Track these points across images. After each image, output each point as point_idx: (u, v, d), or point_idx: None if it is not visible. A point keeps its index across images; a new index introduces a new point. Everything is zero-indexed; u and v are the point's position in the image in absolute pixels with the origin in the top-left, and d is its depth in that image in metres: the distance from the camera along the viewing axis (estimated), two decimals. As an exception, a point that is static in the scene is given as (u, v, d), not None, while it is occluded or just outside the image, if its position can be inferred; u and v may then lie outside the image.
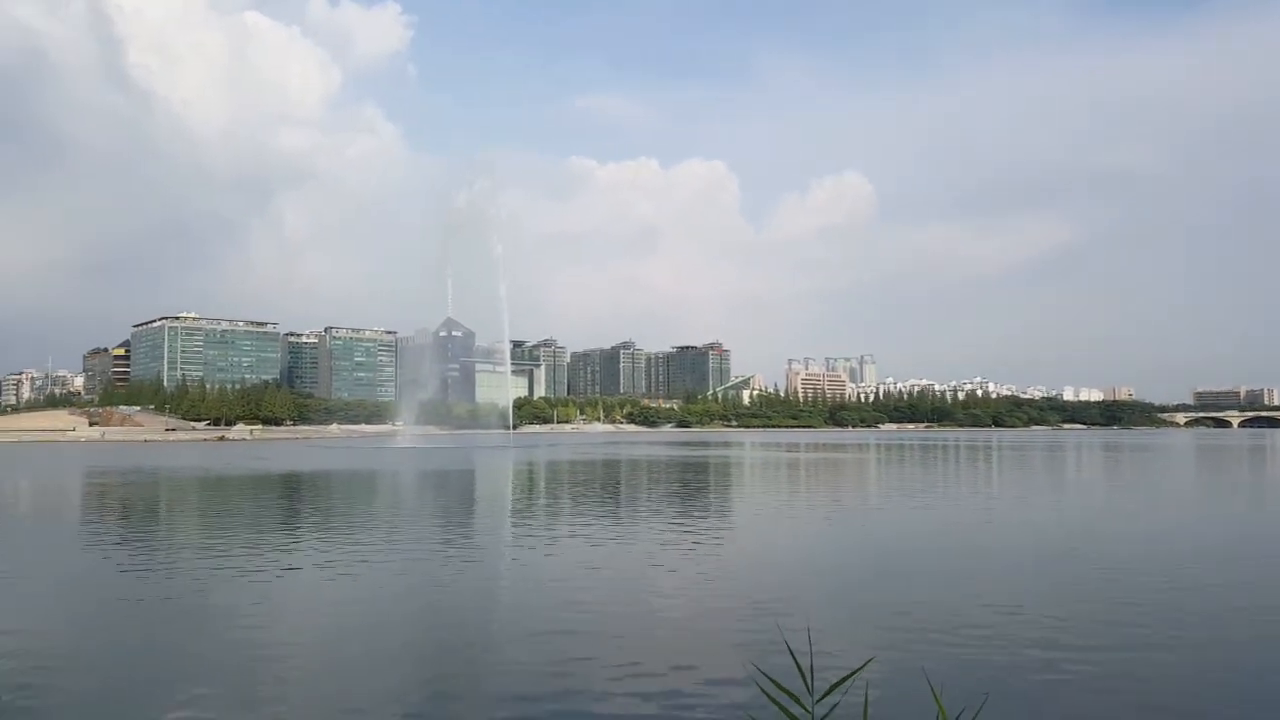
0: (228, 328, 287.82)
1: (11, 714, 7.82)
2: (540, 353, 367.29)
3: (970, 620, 12.39)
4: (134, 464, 63.69)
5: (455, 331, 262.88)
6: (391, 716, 8.68)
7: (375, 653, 11.13)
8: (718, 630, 12.28)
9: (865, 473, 52.06)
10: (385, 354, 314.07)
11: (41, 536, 24.69)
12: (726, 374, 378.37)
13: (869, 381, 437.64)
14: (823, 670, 2.97)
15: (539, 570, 17.42)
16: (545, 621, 12.67)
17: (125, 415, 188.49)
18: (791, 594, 14.99)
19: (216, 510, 31.46)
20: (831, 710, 3.02)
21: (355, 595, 14.95)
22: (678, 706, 8.83)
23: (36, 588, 16.04)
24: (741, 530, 24.07)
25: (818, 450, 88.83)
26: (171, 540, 23.06)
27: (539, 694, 9.25)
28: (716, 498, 34.78)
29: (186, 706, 8.85)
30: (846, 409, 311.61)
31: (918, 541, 21.67)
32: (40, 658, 10.82)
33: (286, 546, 20.28)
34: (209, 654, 11.04)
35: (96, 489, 41.57)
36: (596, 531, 22.78)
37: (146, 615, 13.42)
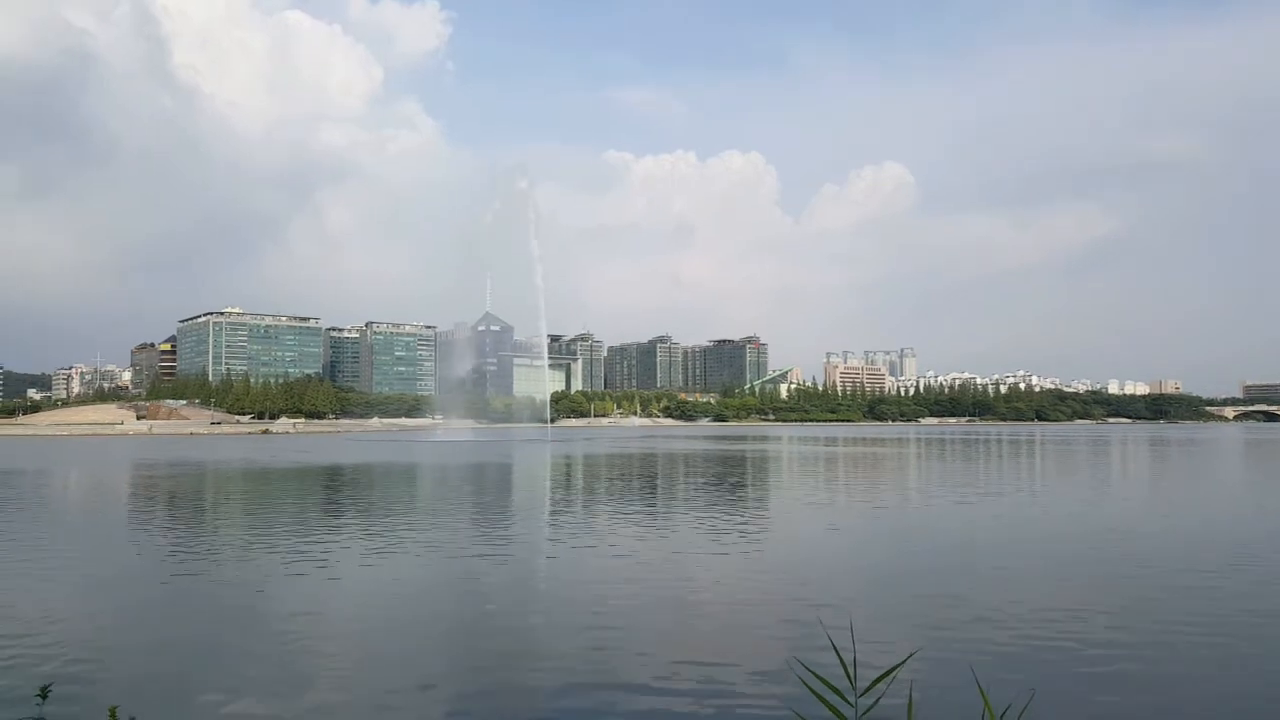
0: (271, 323, 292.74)
1: (63, 700, 8.03)
2: (577, 347, 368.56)
3: (1014, 616, 12.20)
4: (180, 457, 65.13)
5: (493, 326, 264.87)
6: (433, 705, 8.77)
7: (416, 642, 11.26)
8: (758, 624, 12.22)
9: (905, 467, 51.50)
10: (425, 348, 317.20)
11: (93, 527, 25.34)
12: (764, 368, 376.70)
13: (909, 375, 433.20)
14: (865, 665, 2.94)
15: (578, 563, 17.48)
16: (585, 613, 12.71)
17: (172, 409, 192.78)
18: (832, 588, 14.88)
19: (261, 502, 32.05)
20: (875, 704, 2.97)
21: (396, 585, 15.14)
22: (719, 699, 8.80)
23: (88, 576, 16.44)
24: (780, 524, 23.94)
25: (857, 444, 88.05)
26: (217, 531, 23.54)
27: (580, 685, 9.29)
28: (754, 492, 34.64)
29: (231, 692, 9.02)
30: (886, 403, 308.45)
31: (960, 537, 21.37)
32: (90, 645, 11.10)
33: (329, 539, 20.59)
34: (253, 642, 11.25)
35: (145, 481, 42.57)
36: (634, 525, 22.82)
37: (193, 604, 13.72)
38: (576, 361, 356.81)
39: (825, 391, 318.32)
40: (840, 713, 3.23)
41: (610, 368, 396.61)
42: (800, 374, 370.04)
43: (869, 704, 3.26)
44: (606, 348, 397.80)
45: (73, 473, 49.82)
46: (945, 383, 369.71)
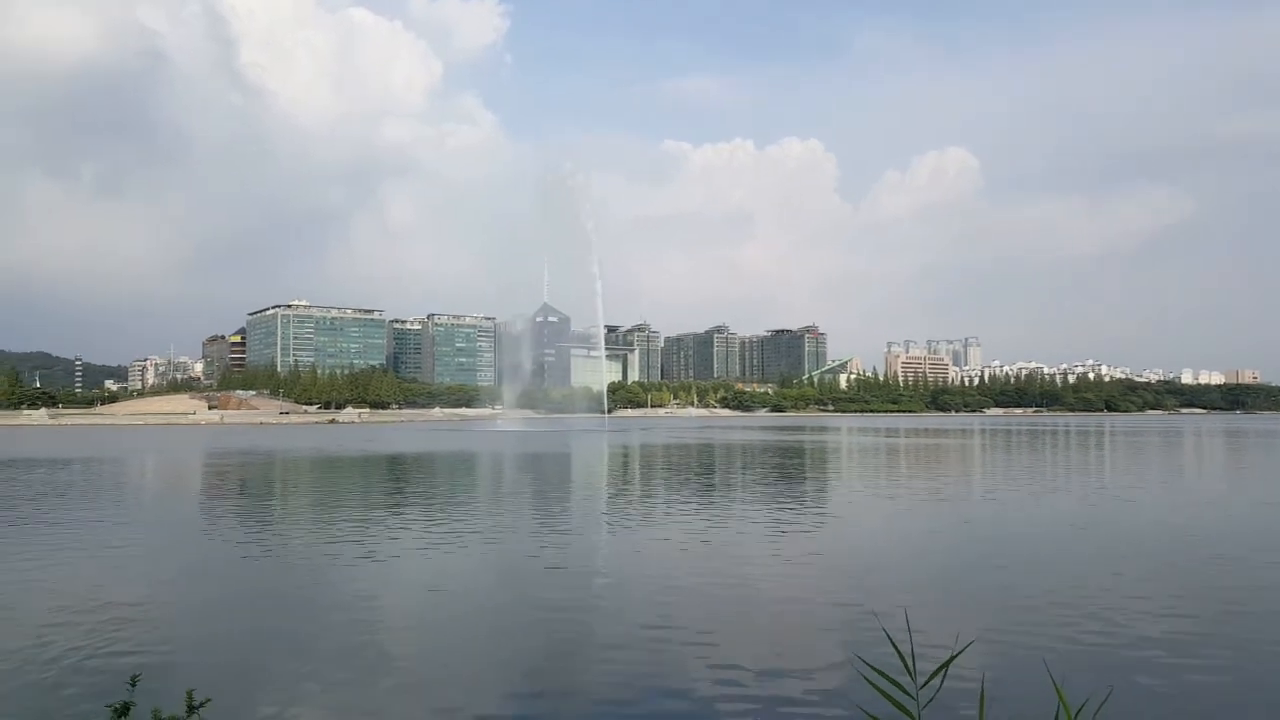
0: (336, 315, 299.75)
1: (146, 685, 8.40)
2: (634, 337, 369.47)
3: (1086, 613, 11.91)
4: (251, 445, 67.18)
5: (551, 317, 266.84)
6: (493, 692, 8.93)
7: (475, 630, 11.47)
8: (816, 614, 12.15)
9: (969, 459, 50.51)
10: (485, 339, 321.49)
11: (170, 515, 26.31)
12: (822, 358, 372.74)
13: (973, 365, 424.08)
14: (929, 659, 2.90)
15: (636, 553, 17.57)
16: (642, 603, 12.78)
17: (242, 399, 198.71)
18: (893, 580, 14.70)
19: (329, 490, 32.90)
20: (934, 697, 2.94)
21: (456, 573, 15.42)
22: (778, 691, 8.79)
23: (167, 564, 17.10)
24: (839, 515, 23.72)
25: (919, 435, 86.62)
26: (288, 519, 24.24)
27: (639, 674, 9.35)
28: (813, 483, 34.35)
29: (300, 676, 9.31)
30: (949, 393, 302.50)
31: (1026, 531, 20.91)
32: (169, 631, 11.56)
33: (393, 525, 21.05)
34: (320, 629, 11.58)
35: (218, 469, 44.04)
36: (691, 515, 22.84)
37: (264, 591, 14.17)
38: (633, 352, 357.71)
39: (886, 382, 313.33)
40: (903, 706, 3.17)
41: (667, 358, 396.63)
42: (860, 364, 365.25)
43: (930, 695, 3.19)
44: (663, 338, 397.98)
45: (150, 461, 51.75)
46: (1011, 372, 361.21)
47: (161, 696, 4.65)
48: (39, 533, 20.02)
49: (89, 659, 9.76)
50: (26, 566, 15.69)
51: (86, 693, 8.64)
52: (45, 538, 19.23)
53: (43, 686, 8.85)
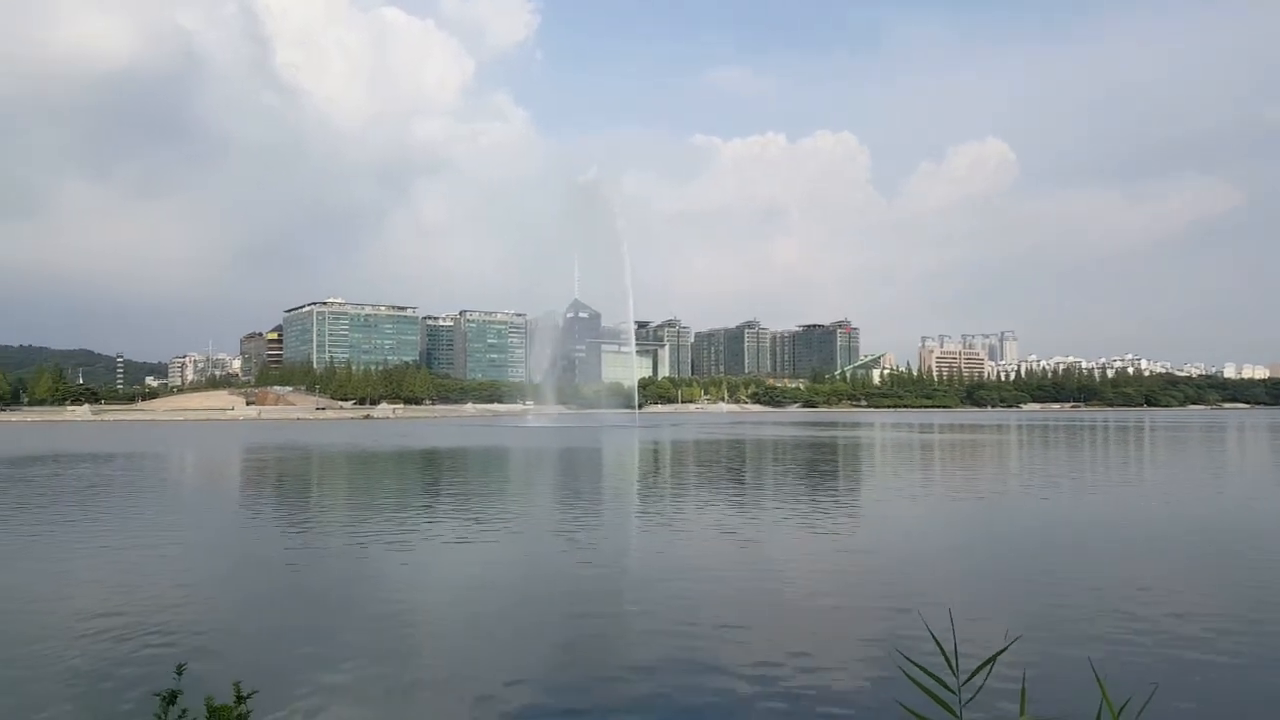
0: (371, 312, 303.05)
1: (191, 675, 8.55)
2: (664, 333, 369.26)
3: (1128, 611, 11.71)
4: (289, 440, 68.16)
5: (582, 313, 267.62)
6: (526, 685, 8.97)
7: (509, 624, 11.53)
8: (854, 610, 12.06)
9: (1005, 455, 49.86)
10: (516, 335, 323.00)
11: (211, 508, 26.78)
12: (855, 353, 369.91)
13: (1009, 359, 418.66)
14: (968, 655, 2.87)
15: (668, 548, 17.56)
16: (676, 598, 12.77)
17: (279, 395, 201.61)
18: (931, 575, 14.56)
19: (365, 484, 33.28)
20: (976, 694, 2.90)
21: (490, 567, 15.52)
22: (817, 685, 8.73)
23: (209, 556, 17.40)
24: (874, 512, 23.54)
25: (954, 431, 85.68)
26: (324, 512, 24.56)
27: (671, 670, 9.34)
28: (847, 479, 34.12)
29: (338, 666, 9.43)
30: (985, 388, 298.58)
31: (1065, 527, 20.60)
32: (213, 623, 11.77)
33: (428, 520, 21.24)
34: (358, 620, 11.72)
35: (257, 464, 44.73)
36: (723, 510, 22.78)
37: (303, 582, 14.37)
38: (664, 348, 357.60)
39: (920, 376, 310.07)
40: (944, 701, 3.10)
41: (697, 353, 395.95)
42: (894, 359, 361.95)
43: (972, 692, 3.09)
44: (693, 334, 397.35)
45: (190, 456, 52.69)
46: (1048, 367, 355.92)
47: (207, 686, 4.73)
48: (84, 526, 20.47)
49: (134, 649, 9.97)
50: (72, 559, 16.05)
51: (133, 681, 8.82)
52: (89, 531, 19.65)
53: (90, 675, 9.05)
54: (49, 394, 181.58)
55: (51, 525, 20.59)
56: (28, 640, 10.49)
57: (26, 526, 20.30)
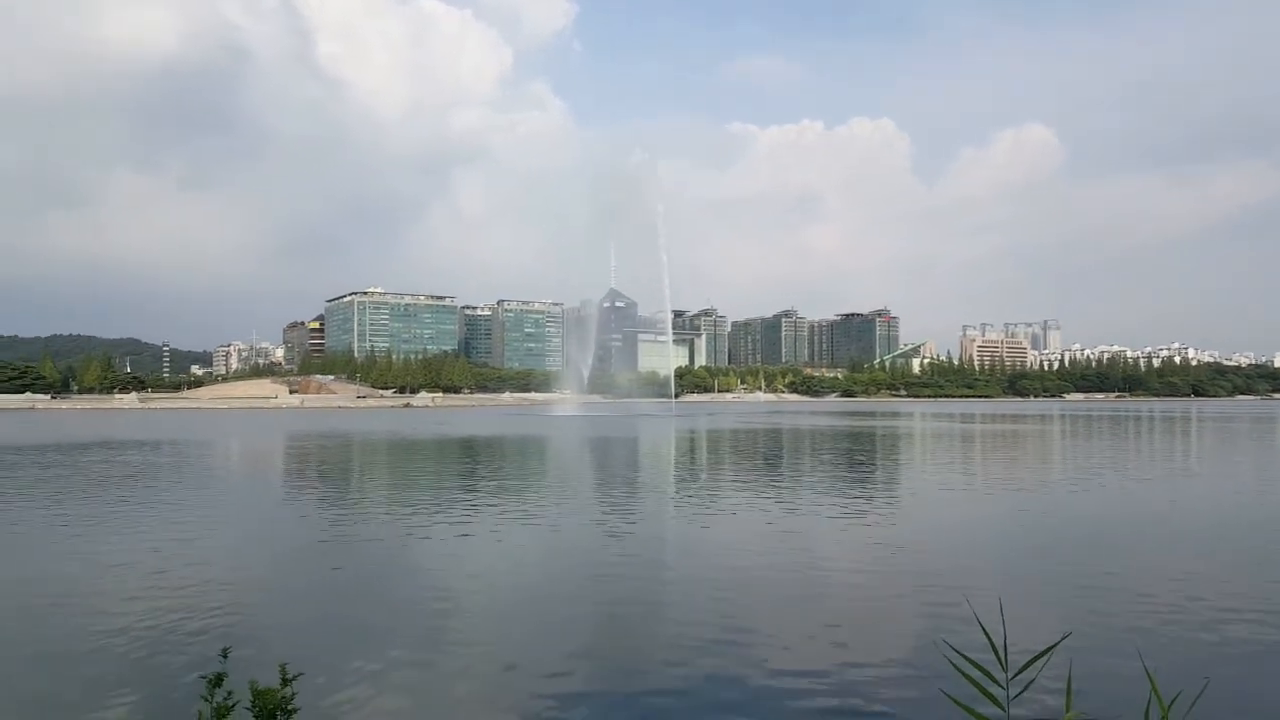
0: (410, 301, 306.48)
1: (237, 658, 8.68)
2: (701, 322, 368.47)
3: (1174, 603, 11.44)
4: (330, 429, 69.19)
5: (618, 302, 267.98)
6: (568, 672, 8.99)
7: (549, 612, 11.58)
8: (895, 601, 11.93)
9: (1049, 446, 49.02)
10: (553, 325, 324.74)
11: (253, 494, 27.27)
12: (894, 341, 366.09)
13: (1052, 348, 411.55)
14: (1013, 649, 2.81)
15: (706, 537, 17.50)
16: (714, 587, 12.73)
17: (321, 384, 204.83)
18: (974, 567, 14.35)
19: (405, 472, 33.67)
20: (1027, 687, 2.81)
21: (527, 555, 15.61)
22: (859, 674, 8.64)
23: (247, 540, 17.72)
24: (915, 502, 23.27)
25: (996, 421, 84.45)
26: (364, 499, 24.89)
27: (713, 655, 9.30)
28: (887, 469, 33.78)
29: (381, 651, 9.54)
30: (1027, 378, 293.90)
31: (1110, 519, 20.19)
32: (249, 602, 11.98)
33: (466, 507, 21.41)
34: (399, 605, 11.86)
35: (298, 451, 45.48)
36: (761, 500, 22.67)
37: (345, 568, 14.56)
38: (700, 337, 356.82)
39: (961, 366, 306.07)
40: (991, 694, 3.06)
41: (734, 343, 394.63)
42: (934, 348, 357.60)
43: (1021, 686, 3.10)
44: (730, 323, 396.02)
45: (234, 444, 53.73)
46: (1092, 356, 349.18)
47: (251, 669, 4.80)
48: (131, 512, 20.95)
49: (180, 632, 10.17)
50: (120, 544, 16.44)
51: (179, 664, 9.00)
52: (137, 516, 20.11)
53: (138, 658, 9.25)
54: (98, 382, 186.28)
55: (101, 511, 21.09)
56: (78, 623, 10.76)
57: (76, 513, 20.83)
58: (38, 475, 30.21)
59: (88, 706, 7.86)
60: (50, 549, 15.97)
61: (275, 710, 3.32)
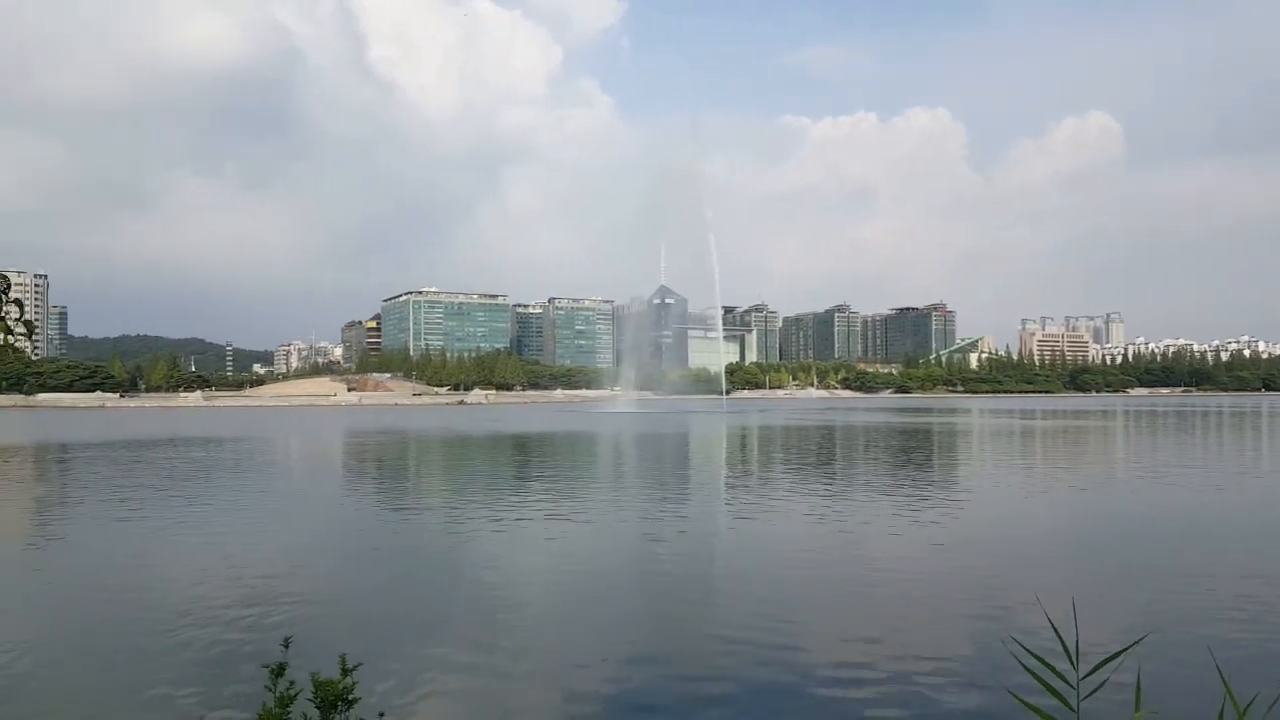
0: (463, 300, 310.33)
1: (299, 648, 8.86)
2: (751, 318, 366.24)
3: (1244, 606, 11.00)
4: (388, 425, 70.40)
5: (668, 299, 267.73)
6: (621, 666, 9.00)
7: (602, 606, 11.61)
8: (958, 601, 11.68)
9: (1112, 442, 47.68)
10: (604, 322, 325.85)
11: (314, 489, 27.86)
12: (951, 336, 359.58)
13: (1115, 342, 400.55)
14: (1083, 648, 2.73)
15: (759, 534, 17.36)
16: (769, 583, 12.63)
17: (378, 381, 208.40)
18: (1035, 567, 14.01)
19: (460, 467, 34.10)
20: (1099, 688, 2.79)
21: (581, 550, 15.66)
22: (919, 671, 8.48)
23: (308, 534, 18.10)
24: (975, 500, 22.81)
25: (1057, 417, 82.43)
26: (421, 494, 25.27)
27: (769, 652, 9.22)
28: (944, 466, 33.18)
29: (437, 642, 9.65)
30: (1089, 372, 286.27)
31: (1178, 516, 19.55)
32: (309, 594, 12.21)
33: (519, 502, 21.60)
34: (455, 598, 12.00)
35: (357, 448, 46.35)
36: (814, 498, 22.43)
37: (398, 561, 14.80)
38: (751, 333, 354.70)
39: (1020, 361, 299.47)
40: (1061, 695, 2.96)
41: (785, 338, 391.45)
42: (992, 343, 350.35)
43: (1092, 687, 2.96)
44: (781, 318, 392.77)
45: (296, 441, 54.97)
46: (1157, 350, 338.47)
47: (311, 659, 4.88)
48: (197, 506, 21.56)
49: (243, 622, 10.42)
50: (186, 536, 16.92)
51: (241, 653, 9.22)
52: (202, 511, 20.68)
53: (202, 647, 9.50)
54: (164, 381, 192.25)
55: (168, 505, 21.74)
56: (145, 613, 11.10)
57: (145, 506, 21.50)
58: (109, 471, 31.29)
59: (155, 694, 8.09)
60: (121, 542, 16.51)
61: (336, 700, 3.38)
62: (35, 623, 11.04)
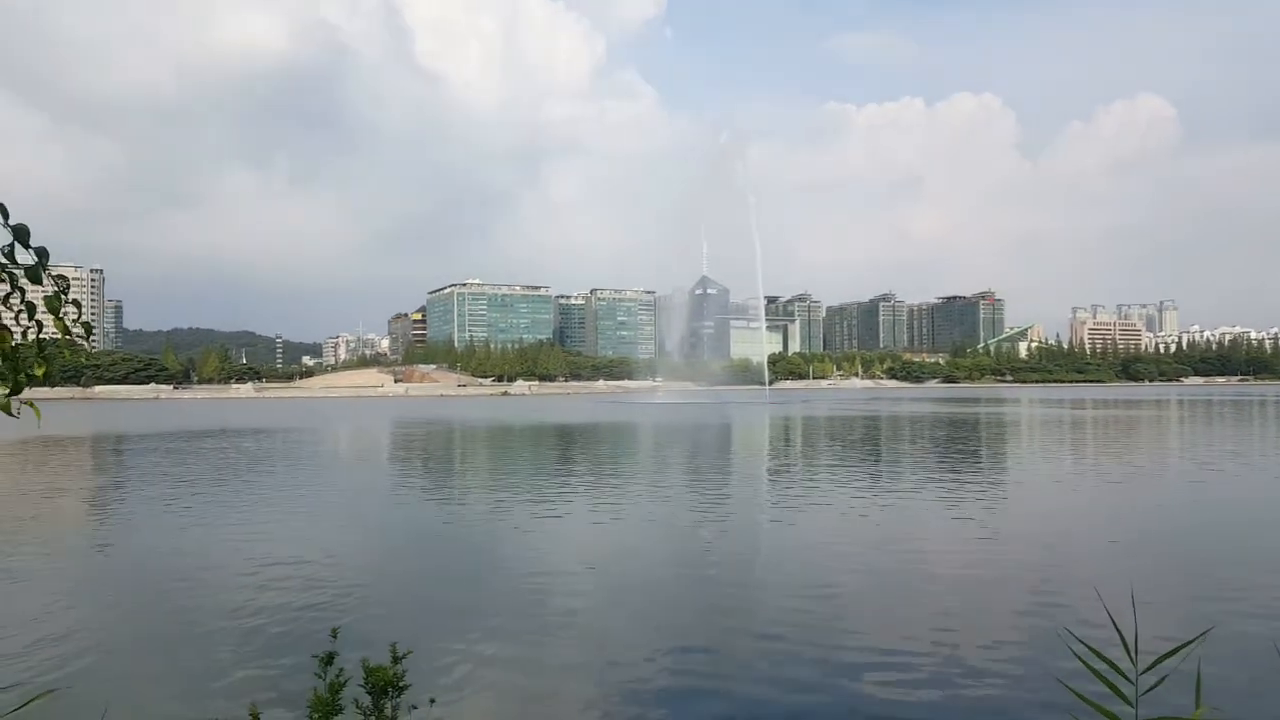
0: (506, 292, 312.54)
1: (348, 637, 8.98)
2: (794, 307, 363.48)
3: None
4: (434, 416, 71.27)
5: (709, 289, 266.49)
6: (668, 656, 8.98)
7: (647, 597, 11.61)
8: (1009, 591, 11.46)
9: (1166, 432, 46.46)
10: (645, 313, 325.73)
11: (363, 479, 28.26)
12: (999, 325, 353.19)
13: (1169, 330, 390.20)
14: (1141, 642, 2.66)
15: (804, 525, 17.19)
16: (815, 574, 12.53)
17: (424, 373, 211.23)
18: (1091, 558, 13.70)
19: (504, 457, 34.38)
20: (1158, 684, 2.88)
21: (625, 540, 15.67)
22: (975, 670, 8.34)
23: (355, 523, 18.37)
24: (1027, 491, 22.39)
25: (1109, 406, 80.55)
26: (466, 483, 25.51)
27: (816, 643, 9.14)
28: (993, 457, 32.62)
29: (487, 632, 9.73)
30: (1142, 361, 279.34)
31: (1235, 509, 18.98)
32: (356, 583, 12.39)
33: (562, 492, 21.70)
34: (497, 587, 12.10)
35: (405, 437, 46.98)
36: (859, 488, 22.18)
37: (443, 550, 14.96)
38: (794, 323, 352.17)
39: (1071, 350, 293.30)
40: (1119, 689, 2.88)
41: (829, 328, 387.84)
42: (1041, 331, 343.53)
43: (1152, 681, 2.88)
44: (825, 308, 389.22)
45: (346, 431, 55.86)
46: (1212, 338, 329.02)
47: (360, 647, 4.95)
48: (248, 495, 22.03)
49: (291, 609, 10.61)
50: (237, 526, 17.29)
51: (290, 641, 9.39)
52: (253, 500, 21.13)
53: (253, 635, 9.70)
54: (216, 373, 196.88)
55: (221, 494, 22.25)
56: (197, 602, 11.37)
57: (197, 495, 22.01)
58: (164, 461, 32.10)
59: (208, 680, 8.28)
60: (175, 530, 16.91)
61: (387, 687, 3.46)
62: (96, 607, 11.35)
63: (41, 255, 2.15)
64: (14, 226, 2.06)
